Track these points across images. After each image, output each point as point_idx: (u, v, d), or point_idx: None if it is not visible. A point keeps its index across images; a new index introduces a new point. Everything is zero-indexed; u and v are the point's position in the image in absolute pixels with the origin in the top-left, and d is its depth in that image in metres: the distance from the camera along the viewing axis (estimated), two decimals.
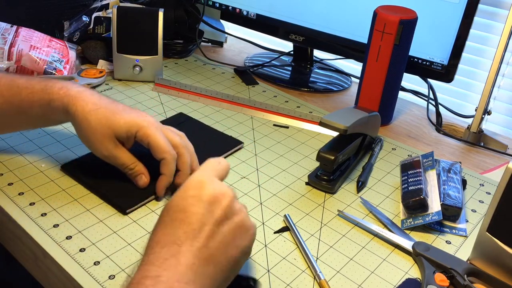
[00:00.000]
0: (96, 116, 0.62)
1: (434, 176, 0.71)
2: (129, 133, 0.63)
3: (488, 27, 1.10)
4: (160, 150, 0.63)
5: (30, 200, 0.65)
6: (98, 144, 0.63)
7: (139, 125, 0.63)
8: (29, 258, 0.62)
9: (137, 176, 0.66)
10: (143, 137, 0.63)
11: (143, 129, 0.63)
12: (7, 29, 0.94)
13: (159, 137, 0.63)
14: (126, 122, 0.63)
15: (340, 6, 0.99)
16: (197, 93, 0.97)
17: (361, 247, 0.63)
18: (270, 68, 1.14)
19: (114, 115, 0.63)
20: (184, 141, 0.68)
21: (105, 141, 0.63)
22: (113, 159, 0.64)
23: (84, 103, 0.63)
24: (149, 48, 0.98)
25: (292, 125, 0.90)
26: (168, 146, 0.64)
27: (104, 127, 0.62)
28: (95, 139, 0.63)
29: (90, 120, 0.62)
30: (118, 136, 0.63)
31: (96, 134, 0.62)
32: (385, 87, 0.88)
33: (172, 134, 0.66)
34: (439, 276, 0.56)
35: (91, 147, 0.65)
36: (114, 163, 0.65)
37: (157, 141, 0.63)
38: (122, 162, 0.65)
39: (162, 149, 0.63)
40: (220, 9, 1.17)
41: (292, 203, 0.69)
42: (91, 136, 0.63)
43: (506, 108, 1.14)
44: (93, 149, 0.65)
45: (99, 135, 0.62)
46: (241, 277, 0.52)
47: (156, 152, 0.64)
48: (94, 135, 0.63)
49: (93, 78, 0.95)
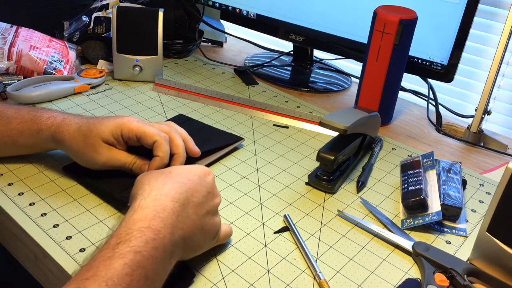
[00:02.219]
0: (81, 133, 0.64)
1: (434, 176, 0.71)
2: (115, 135, 0.64)
3: (488, 27, 1.10)
4: (148, 136, 0.63)
5: (30, 200, 0.65)
6: (93, 154, 0.64)
7: (120, 124, 0.64)
8: (29, 258, 0.62)
9: (142, 167, 0.65)
10: (129, 133, 0.64)
11: (125, 126, 0.64)
12: (7, 29, 0.94)
13: (144, 127, 0.64)
14: (107, 126, 0.64)
15: (340, 6, 0.99)
16: (197, 93, 0.97)
17: (361, 247, 0.63)
18: (270, 68, 1.14)
19: (95, 126, 0.64)
20: (173, 127, 0.68)
21: (97, 148, 0.63)
22: (113, 162, 0.64)
23: (68, 127, 0.65)
24: (149, 48, 0.98)
25: (292, 125, 0.90)
26: (156, 130, 0.64)
27: (90, 138, 0.63)
28: (87, 151, 0.64)
29: (77, 138, 0.64)
30: (106, 140, 0.64)
31: (87, 147, 0.63)
32: (385, 87, 0.88)
33: (158, 124, 0.67)
34: (439, 276, 0.56)
35: (89, 161, 0.65)
36: (117, 166, 0.65)
37: (143, 129, 0.64)
38: (123, 162, 0.65)
39: (150, 134, 0.64)
40: (220, 9, 1.17)
41: (292, 203, 0.69)
42: (83, 151, 0.64)
43: (506, 108, 1.14)
44: (92, 163, 0.65)
45: (90, 147, 0.63)
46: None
47: (145, 140, 0.64)
48: (86, 149, 0.64)
49: (93, 78, 0.95)
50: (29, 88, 0.88)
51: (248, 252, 0.60)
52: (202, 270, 0.57)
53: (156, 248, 0.45)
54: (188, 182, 0.52)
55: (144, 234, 0.45)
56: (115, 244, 0.44)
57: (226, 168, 0.76)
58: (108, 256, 0.43)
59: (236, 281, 0.56)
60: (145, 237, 0.45)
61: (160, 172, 0.54)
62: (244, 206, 0.68)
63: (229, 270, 0.57)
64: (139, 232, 0.45)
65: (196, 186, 0.53)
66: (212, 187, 0.55)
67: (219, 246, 0.60)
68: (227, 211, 0.67)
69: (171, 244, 0.48)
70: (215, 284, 0.55)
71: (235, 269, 0.57)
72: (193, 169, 0.55)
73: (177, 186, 0.51)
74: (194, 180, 0.53)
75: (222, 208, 0.67)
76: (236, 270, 0.57)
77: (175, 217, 0.49)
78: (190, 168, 0.55)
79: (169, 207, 0.49)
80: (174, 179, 0.52)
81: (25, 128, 0.66)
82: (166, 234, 0.47)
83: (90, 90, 0.95)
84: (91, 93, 0.94)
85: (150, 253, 0.45)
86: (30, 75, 0.93)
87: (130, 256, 0.43)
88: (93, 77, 0.96)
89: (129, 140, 0.65)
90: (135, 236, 0.45)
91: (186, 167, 0.56)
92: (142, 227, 0.46)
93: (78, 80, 0.94)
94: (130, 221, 0.47)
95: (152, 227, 0.46)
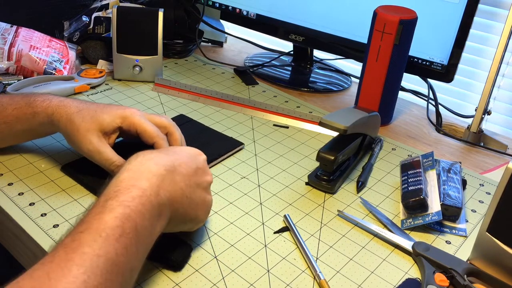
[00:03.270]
0: (79, 115, 0.64)
1: (434, 176, 0.71)
2: (113, 124, 0.64)
3: (488, 27, 1.10)
4: (150, 135, 0.65)
5: (30, 200, 0.65)
6: (81, 138, 0.63)
7: (123, 115, 0.65)
8: (29, 258, 0.62)
9: None
10: (130, 126, 0.65)
11: (128, 119, 0.65)
12: (7, 29, 0.94)
13: (146, 123, 0.65)
14: (109, 115, 0.65)
15: (340, 6, 0.99)
16: (197, 93, 0.97)
17: (361, 247, 0.63)
18: (270, 68, 1.14)
19: (96, 112, 0.64)
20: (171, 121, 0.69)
21: (88, 135, 0.63)
22: (97, 154, 0.64)
23: (67, 109, 0.65)
24: (149, 48, 0.98)
25: (292, 125, 0.90)
26: (156, 129, 0.66)
27: (88, 123, 0.63)
28: (78, 134, 0.63)
29: (74, 120, 0.64)
30: (103, 129, 0.64)
31: (80, 130, 0.63)
32: (385, 87, 0.88)
33: (157, 117, 0.68)
34: (439, 276, 0.56)
35: (77, 145, 0.64)
36: (99, 160, 0.64)
37: (144, 127, 0.65)
38: (107, 157, 0.64)
39: (152, 133, 0.65)
40: (220, 9, 1.17)
41: (292, 203, 0.69)
42: (75, 134, 0.64)
43: (506, 108, 1.14)
44: (78, 147, 0.64)
45: (83, 130, 0.63)
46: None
47: (146, 138, 0.65)
48: (78, 131, 0.63)
49: (93, 78, 0.95)
50: (29, 88, 0.88)
51: (248, 252, 0.60)
52: (202, 270, 0.57)
53: (143, 204, 0.47)
54: (176, 155, 0.55)
55: (130, 191, 0.47)
56: (104, 201, 0.46)
57: (226, 168, 0.76)
58: (99, 211, 0.45)
59: (236, 281, 0.56)
60: (132, 194, 0.47)
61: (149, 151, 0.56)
62: (244, 206, 0.68)
63: (229, 270, 0.57)
64: (126, 189, 0.47)
65: (183, 159, 0.55)
66: (202, 165, 0.58)
67: (219, 246, 0.60)
68: (227, 211, 0.67)
69: (158, 203, 0.49)
70: (215, 284, 0.55)
71: (235, 269, 0.57)
72: (184, 148, 0.59)
73: (163, 155, 0.54)
74: (183, 155, 0.56)
75: (222, 208, 0.67)
76: (236, 270, 0.57)
77: (160, 179, 0.51)
78: (180, 148, 0.59)
79: (154, 169, 0.51)
80: (162, 152, 0.55)
81: (20, 113, 0.66)
82: (152, 193, 0.49)
83: (90, 90, 0.95)
84: (91, 93, 0.94)
85: (137, 208, 0.47)
86: (30, 75, 0.93)
87: (119, 210, 0.45)
88: (93, 77, 0.96)
89: (129, 132, 0.65)
90: (122, 193, 0.47)
91: (177, 147, 0.60)
92: (129, 185, 0.48)
93: (78, 80, 0.94)
94: (117, 181, 0.49)
95: (137, 185, 0.48)
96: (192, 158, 0.57)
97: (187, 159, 0.56)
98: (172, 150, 0.57)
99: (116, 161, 0.64)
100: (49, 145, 0.76)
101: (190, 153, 0.58)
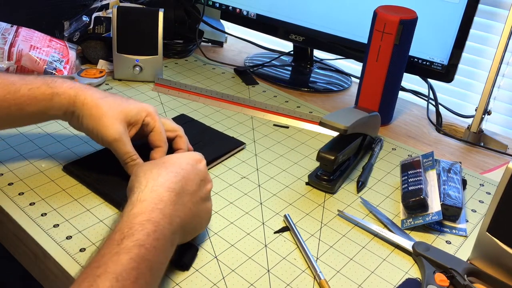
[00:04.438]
0: (106, 101, 0.64)
1: (434, 176, 0.71)
2: (138, 116, 0.65)
3: (488, 27, 1.10)
4: (160, 138, 0.66)
5: (30, 200, 0.65)
6: (109, 125, 0.62)
7: (147, 110, 0.66)
8: (29, 258, 0.62)
9: None
10: (151, 121, 0.66)
11: (151, 114, 0.66)
12: (7, 29, 0.94)
13: (161, 126, 0.67)
14: (136, 106, 0.66)
15: (340, 6, 0.99)
16: (197, 93, 0.97)
17: (361, 247, 0.63)
18: (270, 68, 1.14)
19: (122, 102, 0.65)
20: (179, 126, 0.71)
21: (117, 123, 0.63)
22: (120, 144, 0.63)
23: (93, 93, 0.64)
24: (149, 48, 0.98)
25: (292, 125, 0.90)
26: (165, 137, 0.67)
27: (115, 111, 0.63)
28: (106, 120, 0.62)
29: (102, 105, 0.63)
30: (129, 119, 0.64)
31: (108, 117, 0.63)
32: (385, 87, 0.88)
33: (168, 121, 0.70)
34: (439, 276, 0.56)
35: (101, 131, 0.62)
36: (120, 150, 0.63)
37: (160, 129, 0.67)
38: (127, 150, 0.64)
39: (162, 138, 0.67)
40: (220, 9, 1.17)
41: (292, 203, 0.69)
42: (102, 119, 0.62)
43: (506, 108, 1.14)
44: (102, 133, 0.62)
45: (111, 117, 0.63)
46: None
47: (156, 139, 0.66)
48: (106, 117, 0.63)
49: (93, 78, 0.95)
50: None
51: (248, 252, 0.60)
52: (202, 270, 0.57)
53: (157, 239, 0.47)
54: (181, 171, 0.54)
55: (145, 227, 0.47)
56: (120, 240, 0.46)
57: (226, 168, 0.76)
58: (115, 252, 0.44)
59: (236, 281, 0.56)
60: (147, 230, 0.47)
61: (154, 163, 0.56)
62: (244, 206, 0.68)
63: (229, 270, 0.57)
64: (140, 226, 0.47)
65: (189, 175, 0.55)
66: (204, 174, 0.58)
67: (219, 245, 0.60)
68: (227, 211, 0.67)
69: (171, 232, 0.50)
70: (215, 284, 0.55)
71: (235, 269, 0.57)
72: (185, 158, 0.57)
73: (172, 176, 0.53)
74: (188, 169, 0.55)
75: (222, 208, 0.67)
76: (236, 270, 0.57)
77: (172, 207, 0.51)
78: (182, 157, 0.57)
79: (166, 197, 0.51)
80: (168, 169, 0.54)
81: (37, 93, 0.62)
82: (165, 224, 0.49)
83: None
84: None
85: (152, 244, 0.46)
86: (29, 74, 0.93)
87: (135, 251, 0.45)
88: (93, 77, 0.96)
89: (144, 127, 0.66)
90: (137, 230, 0.46)
91: (178, 155, 0.58)
92: (143, 221, 0.47)
93: (78, 80, 0.94)
94: (130, 215, 0.48)
95: (152, 219, 0.48)
96: (195, 169, 0.56)
97: (192, 174, 0.55)
98: (174, 163, 0.56)
99: (134, 155, 0.64)
100: (49, 145, 0.76)
101: (192, 163, 0.57)
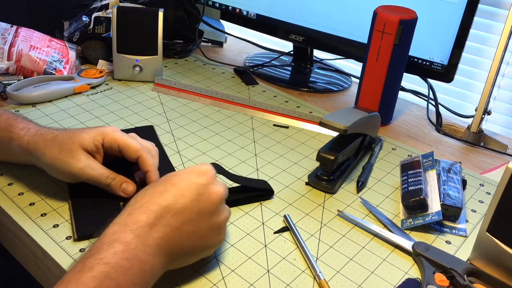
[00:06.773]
0: (57, 140, 0.61)
1: (434, 176, 0.71)
2: (96, 142, 0.61)
3: (488, 27, 1.10)
4: (133, 149, 0.62)
5: (30, 200, 0.65)
6: (69, 160, 0.59)
7: (103, 132, 0.62)
8: (29, 258, 0.62)
9: (123, 184, 0.62)
10: (112, 142, 0.62)
11: (109, 135, 0.62)
12: (7, 29, 0.94)
13: (127, 138, 0.63)
14: (89, 134, 0.62)
15: (340, 6, 0.99)
16: (197, 93, 0.97)
17: (361, 247, 0.63)
18: (270, 68, 1.14)
19: (75, 134, 0.61)
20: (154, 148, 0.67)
21: (75, 154, 0.60)
22: (88, 170, 0.60)
23: (43, 136, 0.61)
24: (149, 48, 0.98)
25: (292, 125, 0.90)
26: (139, 145, 0.63)
27: (69, 144, 0.60)
28: (63, 157, 0.59)
29: (52, 146, 0.60)
30: (86, 147, 0.61)
31: (63, 153, 0.60)
32: (385, 87, 0.88)
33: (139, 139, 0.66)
34: (439, 276, 0.56)
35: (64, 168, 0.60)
36: (92, 177, 0.60)
37: (127, 142, 0.62)
38: (101, 173, 0.61)
39: (135, 148, 0.62)
40: (220, 9, 1.17)
41: (292, 203, 0.69)
42: (58, 157, 0.60)
43: (506, 108, 1.14)
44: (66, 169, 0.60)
45: (67, 152, 0.60)
46: None
47: (129, 153, 0.62)
48: (61, 155, 0.60)
49: (93, 78, 0.95)
50: (29, 88, 0.88)
51: (248, 252, 0.60)
52: (202, 270, 0.57)
53: (126, 258, 0.45)
54: (172, 189, 0.51)
55: (112, 246, 0.46)
56: (85, 258, 0.45)
57: (226, 168, 0.76)
58: (78, 270, 0.44)
59: (236, 281, 0.56)
60: (114, 249, 0.45)
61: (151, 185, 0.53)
62: (244, 206, 0.68)
63: (229, 270, 0.57)
64: (107, 245, 0.46)
65: (183, 192, 0.51)
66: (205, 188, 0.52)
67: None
68: None
69: (146, 254, 0.47)
70: (215, 284, 0.55)
71: (235, 269, 0.57)
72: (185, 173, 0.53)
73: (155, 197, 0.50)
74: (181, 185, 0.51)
75: None
76: (236, 270, 0.57)
77: (148, 229, 0.48)
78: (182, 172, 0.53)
79: (142, 219, 0.48)
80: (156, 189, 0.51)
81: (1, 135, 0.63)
82: (138, 245, 0.47)
83: (90, 90, 0.95)
84: (91, 93, 0.94)
85: (120, 263, 0.45)
86: (30, 75, 0.93)
87: (98, 269, 0.44)
88: (93, 77, 0.96)
89: (110, 150, 0.62)
90: (103, 249, 0.45)
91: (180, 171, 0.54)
92: (110, 240, 0.46)
93: (78, 80, 0.94)
94: (102, 235, 0.47)
95: (121, 239, 0.46)
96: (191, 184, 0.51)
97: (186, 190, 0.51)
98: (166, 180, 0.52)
99: (111, 174, 0.62)
100: None
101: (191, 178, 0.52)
